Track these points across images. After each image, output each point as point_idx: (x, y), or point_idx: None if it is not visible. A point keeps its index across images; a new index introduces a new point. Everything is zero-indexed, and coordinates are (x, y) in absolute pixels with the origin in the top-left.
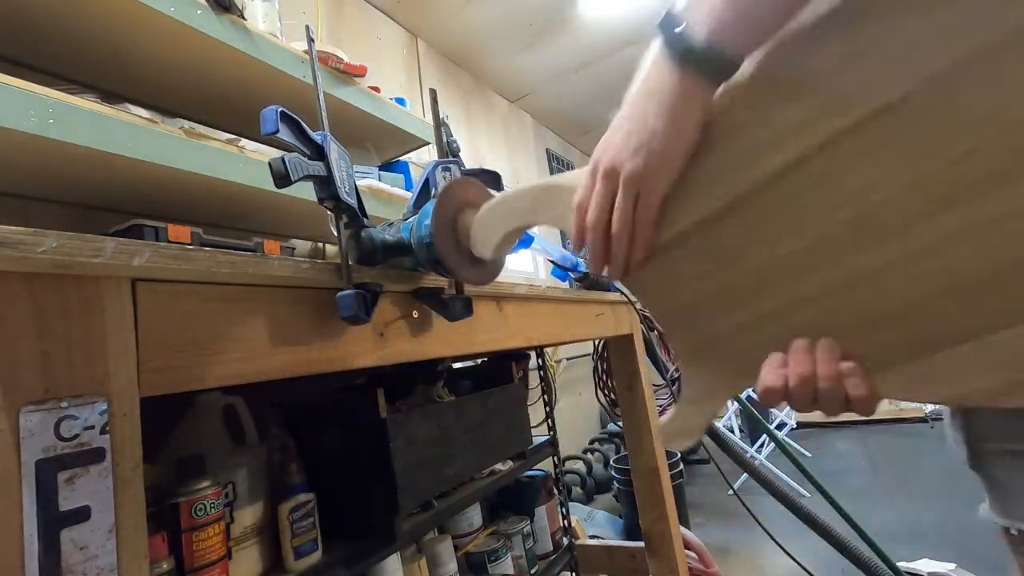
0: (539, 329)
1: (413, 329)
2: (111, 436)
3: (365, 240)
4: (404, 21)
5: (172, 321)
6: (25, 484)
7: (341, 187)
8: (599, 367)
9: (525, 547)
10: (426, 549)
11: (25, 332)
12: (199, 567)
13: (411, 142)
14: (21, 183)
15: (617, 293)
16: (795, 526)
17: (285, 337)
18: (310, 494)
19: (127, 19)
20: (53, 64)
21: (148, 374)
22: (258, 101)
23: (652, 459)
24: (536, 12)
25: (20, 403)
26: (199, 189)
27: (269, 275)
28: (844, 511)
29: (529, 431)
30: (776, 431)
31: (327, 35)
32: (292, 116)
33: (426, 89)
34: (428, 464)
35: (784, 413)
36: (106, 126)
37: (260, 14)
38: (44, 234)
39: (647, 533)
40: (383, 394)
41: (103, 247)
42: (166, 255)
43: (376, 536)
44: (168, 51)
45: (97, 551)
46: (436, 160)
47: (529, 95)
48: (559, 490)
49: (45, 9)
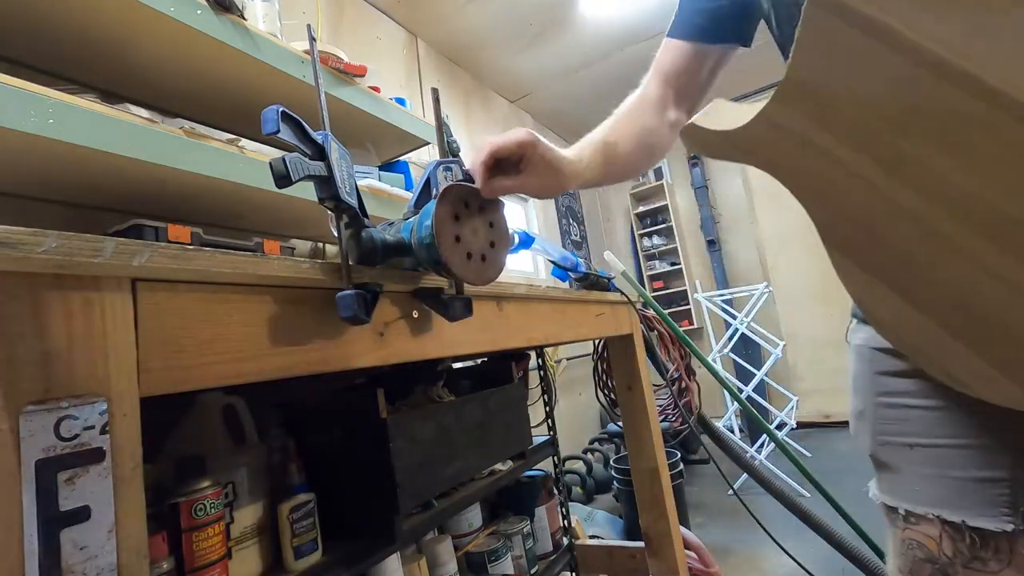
0: (539, 329)
1: (413, 329)
2: (111, 436)
3: (365, 240)
4: (404, 21)
5: (172, 321)
6: (25, 484)
7: (342, 187)
8: (599, 367)
9: (525, 547)
10: (426, 549)
11: (25, 332)
12: (199, 567)
13: (411, 142)
14: (21, 183)
15: (617, 293)
16: (795, 526)
17: (285, 337)
18: (310, 494)
19: (127, 19)
20: (53, 64)
21: (148, 374)
22: (258, 101)
23: (652, 459)
24: (536, 12)
25: (20, 403)
26: (199, 189)
27: (269, 275)
28: (844, 511)
29: (529, 431)
30: (776, 431)
31: (327, 35)
32: (293, 116)
33: (426, 89)
34: (428, 464)
35: (784, 413)
36: (106, 126)
37: (260, 14)
38: (44, 234)
39: (647, 533)
40: (383, 394)
41: (103, 247)
42: (166, 255)
43: (376, 536)
44: (168, 51)
45: (97, 551)
46: (437, 160)
47: (529, 95)
48: (559, 490)
49: (45, 9)
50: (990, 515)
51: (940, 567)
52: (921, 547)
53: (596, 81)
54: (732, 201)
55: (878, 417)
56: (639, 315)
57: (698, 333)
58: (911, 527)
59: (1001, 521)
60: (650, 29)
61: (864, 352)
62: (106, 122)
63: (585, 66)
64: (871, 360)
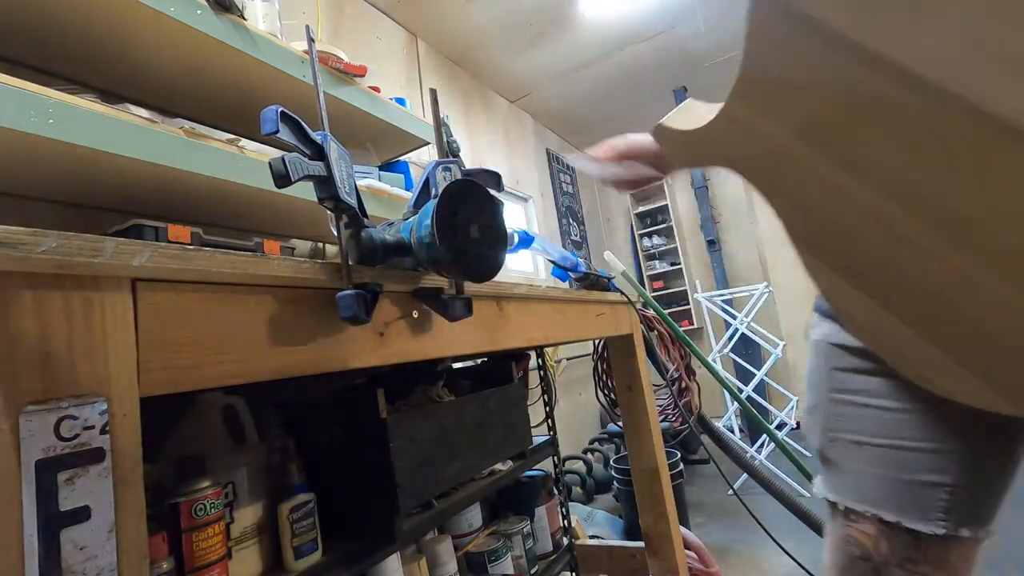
0: (539, 329)
1: (413, 329)
2: (111, 436)
3: (365, 240)
4: (404, 21)
5: (172, 321)
6: (25, 484)
7: (341, 187)
8: (599, 367)
9: (525, 547)
10: (426, 549)
11: (25, 332)
12: (199, 567)
13: (411, 142)
14: (21, 183)
15: (617, 293)
16: (795, 526)
17: (285, 337)
18: (310, 494)
19: (127, 19)
20: (53, 64)
21: (148, 374)
22: (258, 101)
23: (652, 459)
24: (536, 12)
25: (20, 403)
26: (199, 189)
27: (269, 275)
28: None
29: (529, 431)
30: (776, 431)
31: (327, 35)
32: (292, 116)
33: (426, 89)
34: (428, 464)
35: (784, 413)
36: (106, 126)
37: (260, 14)
38: (44, 234)
39: (647, 533)
40: (383, 394)
41: (103, 247)
42: (166, 255)
43: (376, 536)
44: (168, 51)
45: (97, 551)
46: (436, 160)
47: (529, 95)
48: (559, 490)
49: (45, 9)
50: (926, 518)
51: (874, 565)
52: (858, 544)
53: (596, 81)
54: (732, 201)
55: (830, 413)
56: (639, 315)
57: (698, 333)
58: (850, 524)
59: (936, 525)
60: (650, 29)
61: (821, 347)
62: (106, 122)
63: (585, 66)
64: (827, 356)
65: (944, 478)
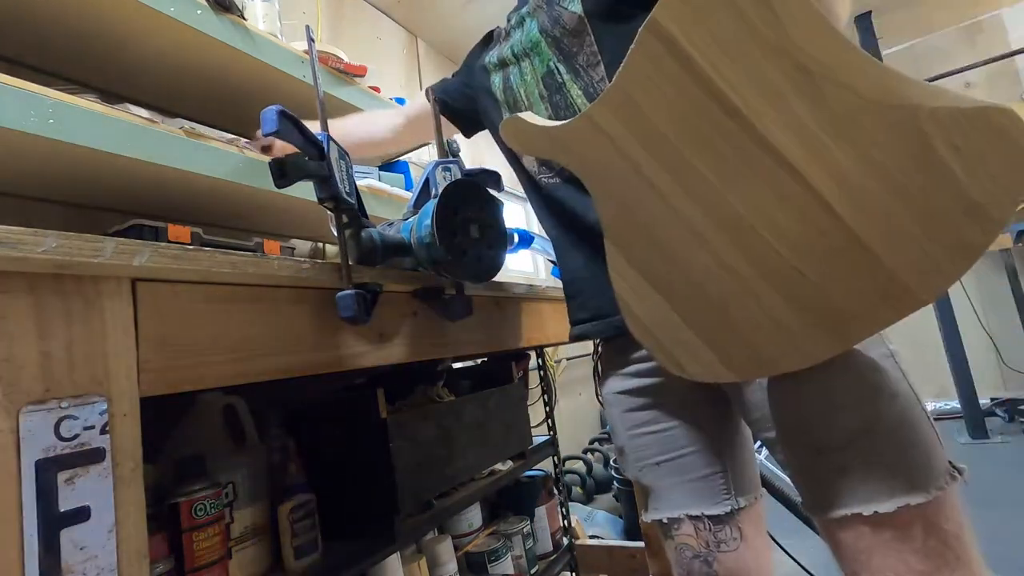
0: (539, 329)
1: (413, 329)
2: (111, 436)
3: (365, 240)
4: (404, 21)
5: (172, 321)
6: (25, 484)
7: (341, 187)
8: (599, 367)
9: (525, 547)
10: (426, 549)
11: (25, 332)
12: (199, 567)
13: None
14: (21, 183)
15: None
16: (795, 526)
17: (285, 337)
18: (310, 494)
19: (127, 19)
20: (53, 64)
21: (148, 374)
22: (258, 101)
23: None
24: None
25: (20, 403)
26: (199, 189)
27: (269, 275)
28: None
29: (529, 431)
30: None
31: (327, 35)
32: (292, 116)
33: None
34: (428, 464)
35: None
36: (106, 126)
37: (260, 14)
38: (44, 234)
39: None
40: (383, 394)
41: (103, 247)
42: (166, 255)
43: (376, 536)
44: (168, 51)
45: (97, 551)
46: (436, 160)
47: None
48: (559, 490)
49: (45, 9)
50: (717, 502)
51: (702, 557)
52: (688, 547)
53: None
54: None
55: (632, 447)
56: None
57: None
58: (678, 533)
59: (724, 505)
60: None
61: (612, 399)
62: (106, 122)
63: None
64: (617, 404)
65: (718, 468)
